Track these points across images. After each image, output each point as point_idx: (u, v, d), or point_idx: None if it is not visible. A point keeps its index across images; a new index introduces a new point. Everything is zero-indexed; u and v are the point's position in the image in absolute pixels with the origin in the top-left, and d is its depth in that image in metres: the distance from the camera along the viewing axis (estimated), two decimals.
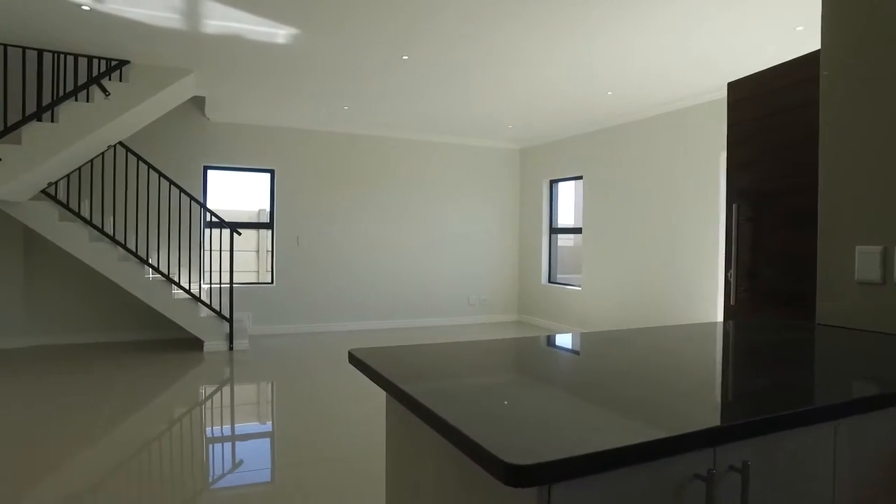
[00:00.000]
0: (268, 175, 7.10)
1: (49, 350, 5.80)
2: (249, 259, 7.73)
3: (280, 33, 4.10)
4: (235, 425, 3.84)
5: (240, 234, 5.94)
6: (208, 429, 3.74)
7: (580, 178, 7.26)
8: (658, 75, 4.93)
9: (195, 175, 6.65)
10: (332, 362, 5.51)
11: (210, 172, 6.84)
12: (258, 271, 8.19)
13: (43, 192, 5.28)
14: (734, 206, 2.51)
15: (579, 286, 7.23)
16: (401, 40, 4.20)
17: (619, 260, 6.56)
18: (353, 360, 1.34)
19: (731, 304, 2.52)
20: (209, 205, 6.81)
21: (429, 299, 7.88)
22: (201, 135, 6.67)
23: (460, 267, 8.07)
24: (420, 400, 0.98)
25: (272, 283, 7.09)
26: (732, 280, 2.51)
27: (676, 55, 4.41)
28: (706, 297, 5.47)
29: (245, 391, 4.78)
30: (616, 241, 6.61)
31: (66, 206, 5.34)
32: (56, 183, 5.33)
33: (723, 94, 5.10)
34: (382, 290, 7.59)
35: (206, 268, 6.56)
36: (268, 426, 3.84)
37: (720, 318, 5.20)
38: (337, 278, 7.32)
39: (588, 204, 7.05)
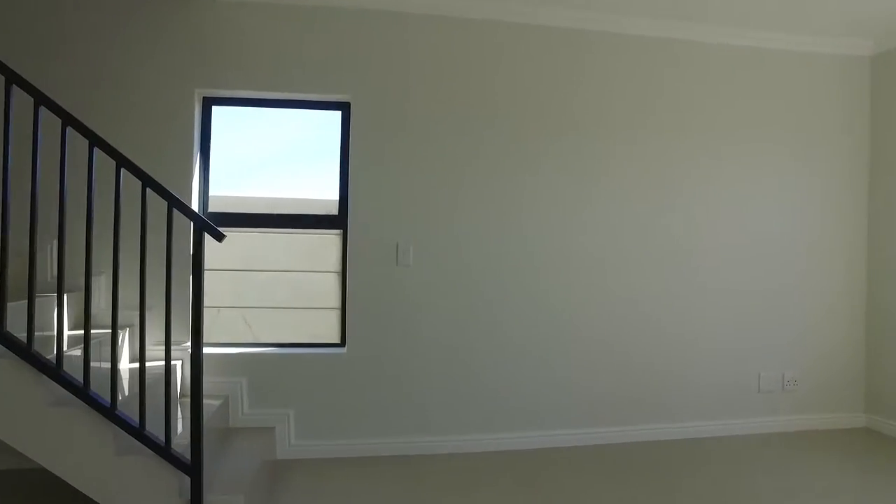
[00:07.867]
0: (337, 115, 3.47)
1: None
2: (325, 286, 4.00)
3: None
4: None
5: (220, 239, 2.31)
6: None
7: None
8: None
9: (182, 115, 3.20)
10: None
11: (218, 112, 3.37)
12: (341, 308, 4.39)
13: None
14: None
15: None
16: None
17: None
18: None
19: None
20: (217, 184, 3.34)
21: (673, 384, 3.67)
22: (195, 33, 3.20)
23: (736, 313, 3.76)
24: None
25: (341, 344, 3.44)
26: None
27: None
28: None
29: None
30: None
31: None
32: None
33: None
34: (575, 362, 3.54)
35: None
36: None
37: None
38: (481, 332, 3.44)
39: None
